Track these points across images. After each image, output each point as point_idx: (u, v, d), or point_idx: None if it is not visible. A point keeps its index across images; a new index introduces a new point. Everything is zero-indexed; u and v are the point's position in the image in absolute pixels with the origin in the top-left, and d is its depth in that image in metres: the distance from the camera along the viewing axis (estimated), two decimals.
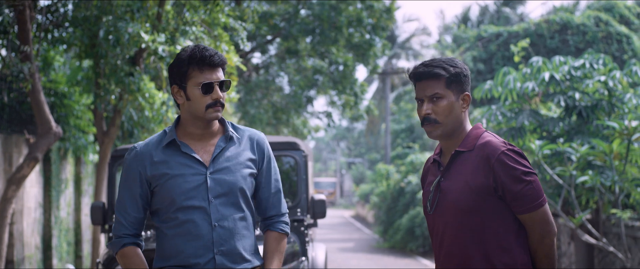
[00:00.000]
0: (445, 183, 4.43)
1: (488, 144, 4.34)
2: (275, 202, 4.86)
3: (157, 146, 4.70)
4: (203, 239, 4.58)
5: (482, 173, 4.29)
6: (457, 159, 4.42)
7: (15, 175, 11.46)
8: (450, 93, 4.37)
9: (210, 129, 4.71)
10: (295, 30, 24.89)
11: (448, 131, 4.42)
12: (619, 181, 12.56)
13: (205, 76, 4.56)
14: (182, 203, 4.59)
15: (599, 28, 29.94)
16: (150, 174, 4.65)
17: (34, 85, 11.09)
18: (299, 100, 27.54)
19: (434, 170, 4.58)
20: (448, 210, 4.38)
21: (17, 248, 13.29)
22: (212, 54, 4.56)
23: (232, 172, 4.65)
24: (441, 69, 4.36)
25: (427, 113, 4.39)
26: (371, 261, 24.68)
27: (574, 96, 13.99)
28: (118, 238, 4.71)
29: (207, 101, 4.56)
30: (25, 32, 10.96)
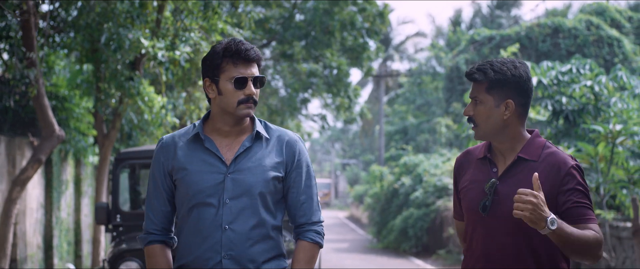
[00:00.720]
0: (504, 188, 4.33)
1: (556, 155, 4.29)
2: (305, 209, 4.56)
3: (183, 138, 4.54)
4: (211, 240, 4.40)
5: (549, 183, 4.22)
6: (518, 166, 4.34)
7: (20, 177, 11.82)
8: (490, 98, 4.31)
9: (240, 126, 4.51)
10: (289, 34, 25.20)
11: (487, 135, 4.37)
12: (604, 183, 12.98)
13: (239, 70, 4.37)
14: (196, 201, 4.42)
15: (590, 31, 30.30)
16: (172, 167, 4.50)
17: (38, 90, 11.44)
18: (293, 103, 27.88)
19: (484, 169, 4.47)
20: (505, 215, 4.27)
21: (20, 247, 13.65)
22: (248, 48, 4.39)
23: (254, 174, 4.42)
24: (482, 73, 4.31)
25: (468, 114, 4.36)
26: (365, 261, 24.92)
27: (561, 100, 14.41)
28: (146, 233, 4.59)
29: (240, 97, 4.36)
30: (30, 39, 11.28)
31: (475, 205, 4.37)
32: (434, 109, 40.53)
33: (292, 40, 25.36)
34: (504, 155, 4.39)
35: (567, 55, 29.73)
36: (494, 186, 4.32)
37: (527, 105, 4.37)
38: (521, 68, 4.32)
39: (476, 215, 4.38)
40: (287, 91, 28.70)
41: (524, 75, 4.29)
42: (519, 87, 4.28)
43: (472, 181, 4.46)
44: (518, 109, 4.31)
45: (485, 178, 4.38)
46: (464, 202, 4.48)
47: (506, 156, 4.38)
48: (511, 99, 4.28)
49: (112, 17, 12.40)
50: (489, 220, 4.32)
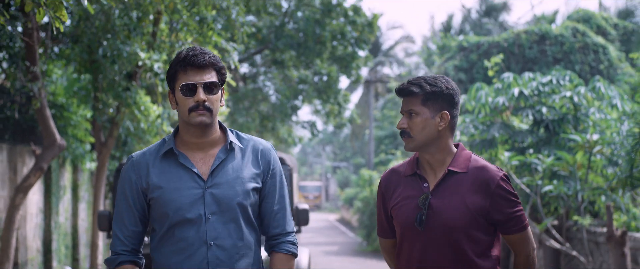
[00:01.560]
0: (437, 201, 4.48)
1: (485, 168, 4.50)
2: (279, 219, 4.49)
3: (155, 155, 4.42)
4: (198, 257, 4.30)
5: (480, 196, 4.43)
6: (449, 179, 4.51)
7: (23, 184, 12.30)
8: (426, 110, 4.45)
9: (208, 137, 4.40)
10: (281, 43, 25.64)
11: (420, 145, 4.48)
12: (582, 190, 13.55)
13: (188, 77, 4.26)
14: (177, 219, 4.30)
15: (576, 39, 30.63)
16: (146, 186, 4.37)
17: (41, 102, 11.93)
18: (284, 109, 28.30)
19: (415, 184, 4.59)
20: (439, 228, 4.45)
21: (21, 251, 14.13)
22: (196, 54, 4.28)
23: (232, 186, 4.33)
24: (418, 86, 4.46)
25: (402, 127, 4.50)
26: (354, 263, 25.32)
27: (541, 110, 14.95)
28: (115, 254, 4.44)
29: (190, 104, 4.26)
30: (33, 53, 11.75)
31: (410, 220, 4.51)
32: None
33: (283, 49, 25.78)
34: (434, 169, 4.56)
35: (554, 62, 30.07)
36: (428, 200, 4.47)
37: (456, 118, 4.58)
38: (452, 83, 4.54)
39: (412, 230, 4.51)
40: (278, 97, 29.08)
41: (456, 89, 4.53)
42: (451, 100, 4.49)
43: (404, 198, 4.57)
44: (451, 121, 4.52)
45: (417, 194, 4.53)
46: (398, 218, 4.58)
47: (436, 169, 4.55)
48: (446, 110, 4.49)
49: (110, 30, 12.87)
50: (425, 234, 4.47)
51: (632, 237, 12.34)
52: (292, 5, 25.61)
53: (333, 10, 24.88)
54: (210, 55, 4.33)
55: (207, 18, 12.63)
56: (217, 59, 4.36)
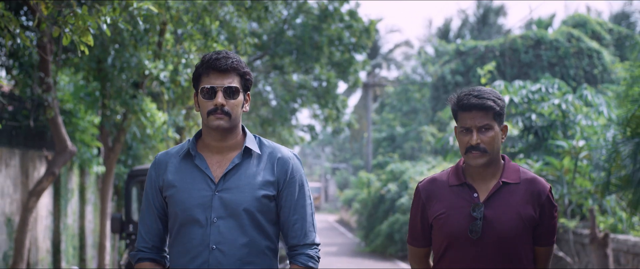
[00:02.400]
0: (490, 212, 4.47)
1: (536, 180, 4.52)
2: (296, 230, 4.39)
3: (176, 155, 4.43)
4: (199, 261, 4.26)
5: (531, 207, 4.44)
6: (502, 190, 4.50)
7: (36, 188, 12.91)
8: (496, 124, 4.44)
9: (228, 141, 4.36)
10: (280, 49, 26.16)
11: (492, 160, 4.49)
12: (568, 194, 14.18)
13: (210, 80, 4.24)
14: (184, 219, 4.29)
15: (571, 44, 31.09)
16: (162, 184, 4.38)
17: (54, 111, 12.52)
18: (284, 113, 28.82)
19: (464, 194, 4.55)
20: (494, 239, 4.45)
21: (32, 252, 14.71)
22: (219, 57, 4.27)
23: (242, 192, 4.27)
24: (492, 102, 4.43)
25: (477, 143, 4.40)
26: (352, 264, 25.73)
27: (530, 117, 15.60)
28: (137, 250, 4.47)
29: (209, 107, 4.22)
30: (47, 64, 12.34)
31: (461, 230, 4.47)
32: (420, 116, 41.07)
33: (283, 55, 26.28)
34: (485, 180, 4.54)
35: (549, 66, 30.56)
36: (482, 210, 4.46)
37: None
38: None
39: (462, 241, 4.49)
40: (278, 101, 29.57)
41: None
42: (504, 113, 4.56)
43: (451, 207, 4.54)
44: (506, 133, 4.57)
45: (466, 204, 4.50)
46: (445, 228, 4.53)
47: (487, 180, 4.53)
48: (506, 124, 4.56)
49: (119, 41, 13.44)
50: (478, 244, 4.46)
51: (615, 239, 12.93)
52: (291, 13, 26.09)
53: (330, 16, 25.35)
54: (234, 59, 4.29)
55: (211, 31, 13.18)
56: (241, 64, 4.32)
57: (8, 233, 13.58)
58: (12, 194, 13.96)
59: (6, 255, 13.45)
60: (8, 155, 13.72)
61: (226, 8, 14.12)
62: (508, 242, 4.44)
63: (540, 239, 4.52)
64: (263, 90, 29.97)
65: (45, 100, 12.23)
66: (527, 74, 30.80)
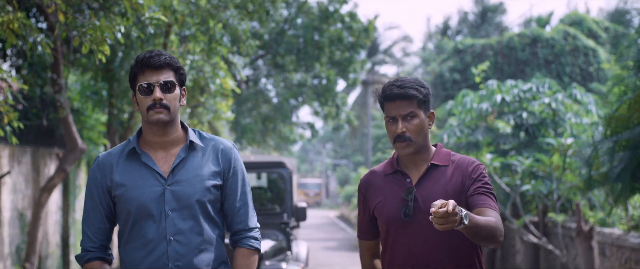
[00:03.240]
0: (421, 193, 4.52)
1: (463, 158, 4.59)
2: (241, 215, 4.60)
3: (119, 155, 4.53)
4: (158, 253, 4.39)
5: (459, 179, 4.49)
6: (432, 172, 4.56)
7: (48, 184, 13.48)
8: (421, 112, 4.51)
9: (169, 136, 4.50)
10: (281, 49, 26.71)
11: (419, 148, 4.55)
12: (557, 189, 14.78)
13: (146, 77, 4.36)
14: (138, 215, 4.41)
15: (567, 42, 31.45)
16: (110, 184, 4.47)
17: (66, 111, 13.09)
18: (285, 111, 29.37)
19: (398, 181, 4.63)
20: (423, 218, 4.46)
21: (43, 245, 15.31)
22: (152, 55, 4.39)
23: (192, 184, 4.44)
24: (415, 90, 4.48)
25: (402, 131, 4.48)
26: (351, 258, 26.07)
27: (521, 115, 16.20)
28: (84, 251, 4.52)
29: (148, 103, 4.35)
30: (58, 66, 12.89)
31: (396, 214, 4.56)
32: None
33: (284, 54, 26.81)
34: (417, 165, 4.62)
35: (545, 64, 30.87)
36: (412, 193, 4.53)
37: None
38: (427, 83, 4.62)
39: (397, 224, 4.57)
40: (279, 99, 30.10)
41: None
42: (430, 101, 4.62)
43: (386, 195, 4.64)
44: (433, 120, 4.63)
45: (400, 189, 4.59)
46: (383, 215, 4.64)
47: (419, 165, 4.61)
48: (432, 111, 4.62)
49: (127, 44, 13.97)
50: (412, 226, 4.53)
51: (601, 232, 13.52)
52: (292, 13, 26.63)
53: (330, 17, 25.90)
54: (166, 56, 4.41)
55: (215, 35, 13.71)
56: (174, 60, 4.44)
57: (20, 227, 14.15)
58: (24, 190, 14.52)
59: (19, 248, 14.02)
60: (20, 152, 14.29)
61: (229, 12, 14.67)
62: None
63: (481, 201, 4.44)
64: (264, 88, 30.46)
65: (58, 100, 12.78)
66: (523, 72, 31.20)
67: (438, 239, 4.47)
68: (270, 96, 30.74)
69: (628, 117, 10.10)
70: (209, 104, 15.68)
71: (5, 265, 13.35)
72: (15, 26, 7.06)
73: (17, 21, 7.09)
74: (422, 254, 4.51)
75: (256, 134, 29.40)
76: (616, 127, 10.37)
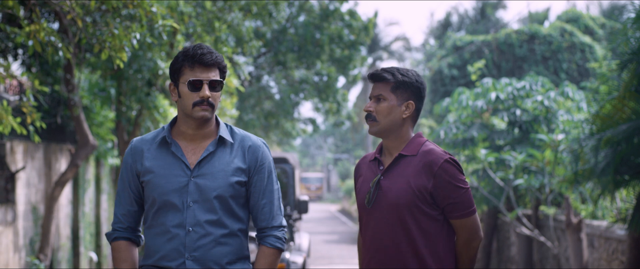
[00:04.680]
0: (386, 182, 4.61)
1: (432, 151, 4.57)
2: (265, 213, 4.61)
3: (152, 141, 4.59)
4: (176, 242, 4.45)
5: (424, 177, 4.51)
6: (400, 162, 4.62)
7: (61, 179, 14.01)
8: (394, 97, 4.58)
9: (203, 130, 4.55)
10: (283, 46, 27.21)
11: (384, 130, 4.62)
12: (549, 183, 15.36)
13: (195, 73, 4.41)
14: (162, 203, 4.48)
15: (564, 38, 31.78)
16: (140, 169, 4.55)
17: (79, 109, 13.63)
18: (287, 106, 29.89)
19: (374, 168, 4.74)
20: (386, 207, 4.57)
21: (55, 238, 15.83)
22: (204, 53, 4.42)
23: (216, 178, 4.48)
24: (390, 74, 4.60)
25: (368, 110, 4.63)
26: (352, 251, 26.62)
27: (515, 112, 16.78)
28: (113, 230, 4.65)
29: (195, 99, 4.41)
30: (71, 66, 13.39)
31: (363, 200, 4.71)
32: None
33: (285, 52, 27.29)
34: (392, 153, 4.69)
35: (542, 60, 31.22)
36: (378, 181, 4.63)
37: (420, 110, 4.73)
38: (422, 78, 4.70)
39: (363, 209, 4.72)
40: (281, 95, 30.61)
41: (424, 84, 4.68)
42: (418, 93, 4.65)
43: (363, 181, 4.78)
44: (414, 112, 4.67)
45: (373, 176, 4.70)
46: (357, 199, 4.81)
47: (393, 154, 4.68)
48: (412, 101, 4.65)
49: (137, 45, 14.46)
50: (374, 212, 4.65)
51: (590, 224, 14.09)
52: (293, 12, 27.09)
53: (331, 15, 26.38)
54: (216, 54, 4.47)
55: (221, 36, 14.23)
56: (222, 59, 4.49)
57: (34, 220, 14.68)
58: (37, 184, 15.02)
59: (32, 240, 14.55)
60: (33, 148, 14.81)
61: (234, 13, 15.20)
62: (398, 209, 4.54)
63: (450, 212, 4.57)
64: (267, 85, 30.87)
65: (71, 99, 13.32)
66: (521, 68, 31.59)
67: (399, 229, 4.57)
68: (272, 92, 31.06)
69: (612, 116, 10.66)
70: None
71: (20, 257, 13.88)
72: (42, 36, 7.62)
73: (43, 31, 7.65)
74: (383, 239, 4.60)
75: (259, 129, 29.87)
76: (602, 125, 10.90)
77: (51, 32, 8.10)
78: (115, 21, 8.33)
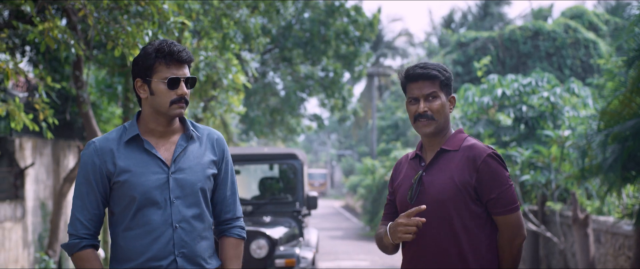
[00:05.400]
0: (428, 178, 4.55)
1: (474, 146, 4.52)
2: (230, 204, 4.64)
3: (118, 141, 4.43)
4: (164, 240, 4.36)
5: (467, 172, 4.46)
6: (441, 157, 4.57)
7: (70, 175, 14.16)
8: (443, 94, 4.54)
9: (172, 126, 4.49)
10: (289, 43, 27.31)
11: (440, 128, 4.55)
12: (555, 179, 15.43)
13: (171, 71, 4.33)
14: (143, 202, 4.36)
15: (568, 34, 31.83)
16: (113, 169, 4.37)
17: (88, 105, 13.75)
18: (292, 103, 29.98)
19: (415, 165, 4.69)
20: (428, 202, 4.50)
21: (63, 234, 15.94)
22: (180, 50, 4.35)
23: (195, 172, 4.44)
24: (437, 71, 4.53)
25: (424, 110, 4.53)
26: (358, 247, 26.80)
27: (521, 108, 16.86)
28: (78, 238, 4.38)
29: (172, 97, 4.35)
30: (80, 63, 13.52)
31: (405, 197, 4.64)
32: None
33: (291, 48, 27.39)
34: (433, 149, 4.63)
35: (547, 56, 31.29)
36: (419, 177, 4.58)
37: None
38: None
39: (406, 206, 4.62)
40: (286, 91, 30.70)
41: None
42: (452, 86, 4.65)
43: (404, 178, 4.72)
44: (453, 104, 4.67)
45: (415, 173, 4.65)
46: (398, 197, 4.72)
47: (435, 149, 4.62)
48: (453, 95, 4.66)
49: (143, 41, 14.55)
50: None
51: (596, 220, 14.15)
52: (299, 8, 27.18)
53: (336, 11, 26.47)
54: (188, 51, 4.39)
55: (229, 32, 14.31)
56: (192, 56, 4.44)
57: (42, 215, 14.81)
58: (46, 180, 15.17)
59: (41, 236, 14.68)
60: (41, 145, 14.95)
61: (241, 10, 15.27)
62: (441, 205, 4.49)
63: (492, 208, 4.50)
64: (272, 81, 30.97)
65: (80, 96, 13.43)
66: (525, 64, 31.64)
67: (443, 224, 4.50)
68: (278, 88, 31.18)
69: (619, 112, 10.72)
70: (221, 98, 16.26)
71: (30, 252, 13.99)
72: (56, 33, 7.70)
73: (57, 29, 7.73)
74: (425, 236, 4.52)
75: (264, 125, 29.98)
76: (609, 121, 10.96)
77: (64, 30, 8.16)
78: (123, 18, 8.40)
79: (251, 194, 15.48)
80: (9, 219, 13.06)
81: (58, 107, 15.68)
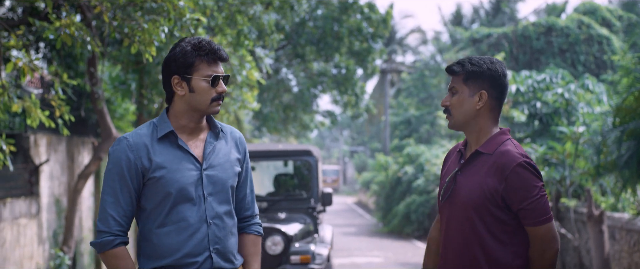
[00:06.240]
0: (462, 178, 4.50)
1: (507, 153, 4.38)
2: (250, 202, 4.69)
3: (151, 136, 4.41)
4: (199, 236, 4.37)
5: (495, 179, 4.35)
6: (476, 159, 4.47)
7: (84, 171, 14.17)
8: (466, 88, 4.43)
9: (201, 123, 4.49)
10: (302, 39, 27.32)
11: (458, 124, 4.51)
12: (569, 176, 15.40)
13: (212, 68, 4.35)
14: (179, 198, 4.36)
15: (581, 30, 31.79)
16: (148, 165, 4.35)
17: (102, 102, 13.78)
18: (305, 99, 30.00)
19: (456, 160, 4.64)
20: (458, 203, 4.47)
21: (77, 230, 16.00)
22: (219, 48, 4.38)
23: (225, 169, 4.47)
24: (459, 65, 4.47)
25: (444, 104, 4.54)
26: (371, 243, 26.82)
27: (535, 105, 16.83)
28: (112, 235, 4.33)
29: (213, 94, 4.36)
30: (95, 60, 13.55)
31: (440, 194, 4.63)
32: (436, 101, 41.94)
33: (304, 44, 27.40)
34: (471, 148, 4.55)
35: (560, 53, 31.30)
36: (454, 175, 4.54)
37: (500, 100, 4.53)
38: (497, 64, 4.49)
39: (439, 201, 4.65)
40: (300, 88, 30.75)
41: (500, 71, 4.47)
42: (493, 81, 4.45)
43: (446, 173, 4.69)
44: (491, 102, 4.48)
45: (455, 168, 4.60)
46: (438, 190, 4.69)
47: (472, 148, 4.54)
48: (485, 90, 4.44)
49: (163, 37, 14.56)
50: (448, 207, 4.56)
51: (611, 216, 14.13)
52: (312, 5, 27.17)
53: (350, 8, 26.47)
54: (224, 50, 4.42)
55: (243, 30, 14.33)
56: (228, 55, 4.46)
57: (57, 212, 14.83)
58: (60, 177, 15.19)
59: (56, 233, 14.71)
60: (56, 141, 14.96)
61: (255, 7, 15.29)
62: (469, 208, 4.41)
63: (523, 219, 4.37)
64: (285, 77, 30.97)
65: (95, 93, 13.46)
66: (538, 60, 31.62)
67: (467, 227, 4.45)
68: (291, 85, 31.17)
69: (635, 108, 10.70)
70: (236, 95, 16.29)
71: (44, 249, 14.02)
72: (72, 30, 7.72)
73: (74, 26, 7.76)
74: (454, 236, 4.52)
75: (277, 122, 30.00)
76: (624, 117, 10.94)
77: (80, 27, 8.18)
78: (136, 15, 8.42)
79: (266, 191, 15.50)
80: (24, 216, 13.09)
81: (73, 104, 15.71)
